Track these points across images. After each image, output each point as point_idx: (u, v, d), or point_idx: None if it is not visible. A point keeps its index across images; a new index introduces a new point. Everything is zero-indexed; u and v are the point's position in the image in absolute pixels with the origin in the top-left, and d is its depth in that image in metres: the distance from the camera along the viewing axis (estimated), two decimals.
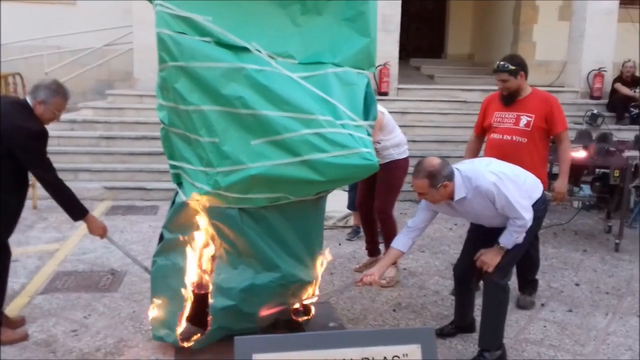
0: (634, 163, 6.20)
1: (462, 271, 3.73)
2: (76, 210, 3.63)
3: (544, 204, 3.56)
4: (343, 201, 6.22)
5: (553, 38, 12.27)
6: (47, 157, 3.54)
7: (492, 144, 4.35)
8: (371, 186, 4.84)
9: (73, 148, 8.21)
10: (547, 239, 6.09)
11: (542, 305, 4.47)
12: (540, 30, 12.95)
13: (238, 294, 3.30)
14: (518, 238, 3.36)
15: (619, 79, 9.92)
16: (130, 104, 9.35)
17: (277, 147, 3.03)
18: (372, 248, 5.13)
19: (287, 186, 3.15)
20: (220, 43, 3.03)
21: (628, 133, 8.83)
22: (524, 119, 4.23)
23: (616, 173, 5.86)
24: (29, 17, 11.23)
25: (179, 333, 3.44)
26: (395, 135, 4.82)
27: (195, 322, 3.52)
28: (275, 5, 3.12)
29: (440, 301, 4.49)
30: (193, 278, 3.43)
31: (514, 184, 3.32)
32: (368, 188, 4.89)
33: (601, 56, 10.30)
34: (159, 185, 7.60)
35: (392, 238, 4.81)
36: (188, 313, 3.45)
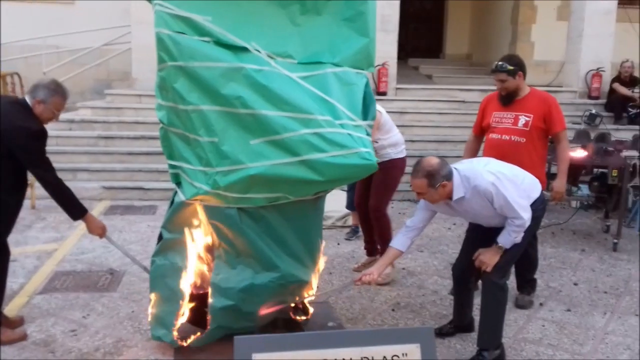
0: (632, 163, 6.21)
1: (461, 271, 3.74)
2: (75, 209, 3.63)
3: (543, 204, 3.57)
4: (342, 201, 6.22)
5: (551, 38, 12.28)
6: (47, 157, 3.54)
7: (491, 144, 4.36)
8: (369, 186, 4.84)
9: (71, 148, 8.20)
10: (546, 239, 6.10)
11: (541, 304, 4.48)
12: (538, 30, 12.97)
13: (237, 294, 3.30)
14: (516, 238, 3.36)
15: (617, 79, 9.92)
16: (128, 104, 9.35)
17: (276, 147, 3.03)
18: (371, 247, 5.13)
19: (286, 186, 3.14)
20: (219, 43, 3.03)
21: (626, 133, 8.84)
22: (523, 119, 4.24)
23: (614, 173, 5.87)
24: (28, 17, 11.23)
25: (177, 332, 3.45)
26: (392, 134, 4.83)
27: (194, 322, 3.52)
28: (274, 5, 3.12)
29: (439, 301, 4.50)
30: (192, 278, 3.44)
31: (513, 184, 3.32)
32: (366, 188, 4.90)
33: (599, 56, 10.31)
34: (158, 185, 7.61)
35: (386, 236, 4.89)
36: (188, 313, 3.46)
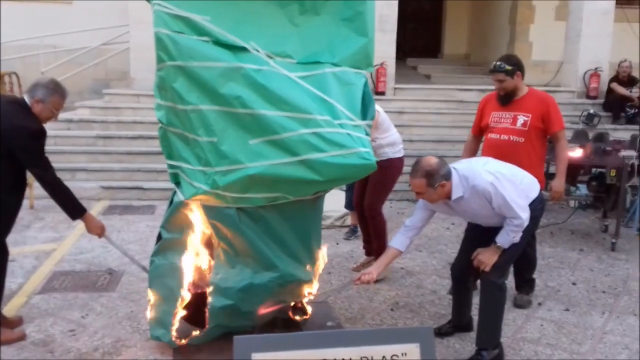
0: (630, 163, 6.22)
1: (460, 270, 3.74)
2: (74, 209, 3.63)
3: (541, 204, 3.57)
4: (340, 201, 6.23)
5: (549, 38, 12.28)
6: (46, 156, 3.54)
7: (490, 144, 4.37)
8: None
9: (70, 147, 8.20)
10: (544, 238, 6.10)
11: (539, 304, 4.49)
12: (536, 30, 12.97)
13: (236, 294, 3.30)
14: (515, 237, 3.37)
15: (615, 79, 9.94)
16: (127, 104, 9.35)
17: (275, 147, 3.02)
18: (370, 247, 5.13)
19: (285, 186, 3.14)
20: (218, 43, 3.03)
21: (624, 133, 8.85)
22: (521, 119, 4.24)
23: (612, 173, 5.88)
24: (26, 16, 11.22)
25: (175, 331, 3.45)
26: (390, 134, 4.83)
27: (192, 321, 3.52)
28: (273, 5, 3.12)
29: (437, 300, 4.50)
30: (190, 277, 3.44)
31: (511, 184, 3.33)
32: (365, 187, 4.90)
33: (597, 56, 10.32)
34: (156, 184, 7.60)
35: (381, 235, 4.91)
36: (185, 312, 3.45)
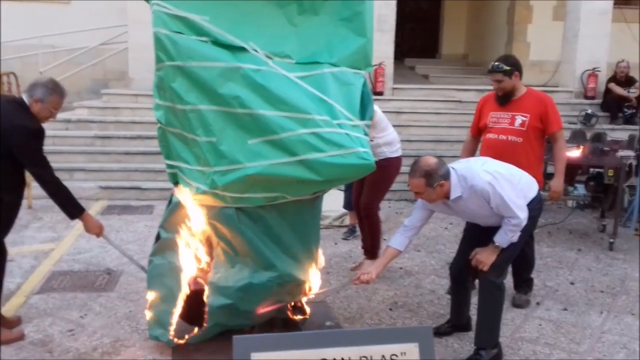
0: (628, 162, 6.24)
1: (458, 270, 3.75)
2: (73, 208, 3.62)
3: (539, 204, 3.58)
4: (339, 200, 6.23)
5: (547, 38, 12.29)
6: (44, 156, 3.53)
7: (488, 144, 4.37)
8: None
9: (68, 147, 8.19)
10: (542, 238, 6.11)
11: (538, 303, 4.50)
12: (534, 30, 12.98)
13: (235, 293, 3.30)
14: (513, 237, 3.37)
15: (613, 79, 9.95)
16: (125, 104, 9.34)
17: (274, 147, 3.03)
18: None
19: (284, 186, 3.15)
20: (217, 43, 3.03)
21: (622, 133, 8.87)
22: (519, 119, 4.25)
23: (610, 172, 5.89)
24: (24, 16, 11.20)
25: (174, 331, 3.45)
26: (388, 133, 4.83)
27: (190, 320, 3.52)
28: (272, 5, 3.12)
29: (436, 300, 4.51)
30: (190, 273, 3.43)
31: (509, 184, 3.33)
32: (364, 187, 4.91)
33: (595, 56, 10.34)
34: (155, 184, 7.60)
35: (375, 235, 4.92)
36: (183, 310, 3.45)
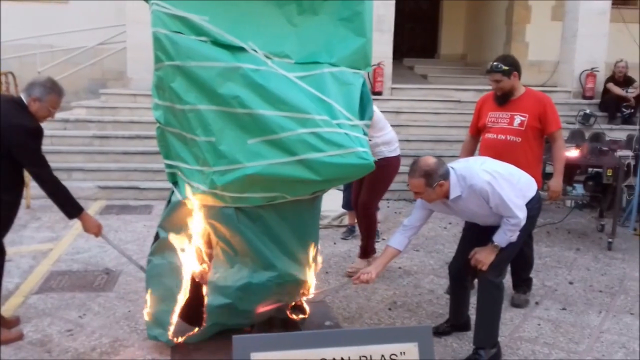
0: (627, 162, 6.25)
1: (457, 270, 3.75)
2: (71, 208, 3.62)
3: (538, 203, 3.58)
4: (338, 200, 6.23)
5: (546, 38, 12.31)
6: (43, 155, 3.53)
7: (487, 144, 4.37)
8: None
9: (66, 147, 8.18)
10: (541, 238, 6.12)
11: (537, 303, 4.50)
12: (532, 30, 13.00)
13: (234, 293, 3.30)
14: (512, 237, 3.37)
15: (611, 79, 9.96)
16: (123, 103, 9.33)
17: (274, 147, 3.03)
18: None
19: (284, 185, 3.15)
20: (216, 43, 3.03)
21: (620, 133, 8.89)
22: (518, 119, 4.26)
23: (609, 172, 5.90)
24: (22, 16, 11.18)
25: (172, 331, 3.44)
26: (386, 132, 4.83)
27: (189, 320, 3.52)
28: (271, 5, 3.12)
29: (435, 300, 4.51)
30: (193, 268, 3.44)
31: (508, 183, 3.34)
32: (362, 187, 4.91)
33: (593, 56, 10.35)
34: (153, 184, 7.59)
35: (370, 234, 4.94)
36: (182, 310, 3.45)
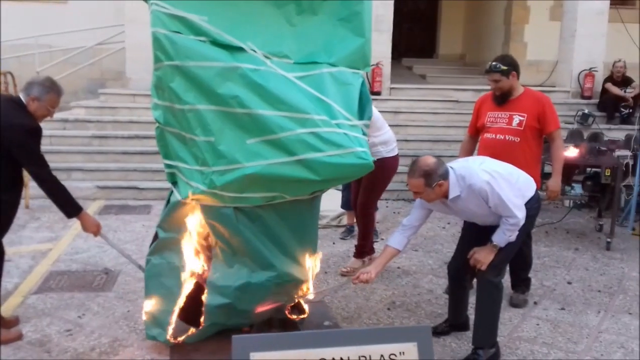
0: (625, 162, 6.26)
1: (456, 269, 3.75)
2: (70, 207, 3.62)
3: (537, 203, 3.59)
4: (337, 200, 6.22)
5: (544, 38, 12.31)
6: (42, 154, 3.53)
7: (486, 144, 4.38)
8: None
9: (65, 147, 8.17)
10: (539, 238, 6.13)
11: (535, 303, 4.51)
12: (531, 30, 13.01)
13: (233, 292, 3.31)
14: (511, 236, 3.38)
15: (610, 79, 9.96)
16: (122, 103, 9.32)
17: (273, 147, 3.03)
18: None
19: (283, 185, 3.15)
20: (215, 43, 3.03)
21: (618, 132, 8.89)
22: (517, 119, 4.26)
23: (607, 172, 5.91)
24: (21, 16, 11.17)
25: (171, 330, 3.45)
26: (383, 132, 4.83)
27: (187, 320, 3.52)
28: (270, 5, 3.12)
29: (434, 300, 4.52)
30: (192, 268, 3.44)
31: (507, 183, 3.34)
32: (360, 187, 4.91)
33: (592, 56, 10.35)
34: (152, 184, 7.59)
35: (367, 234, 4.94)
36: (181, 310, 3.45)
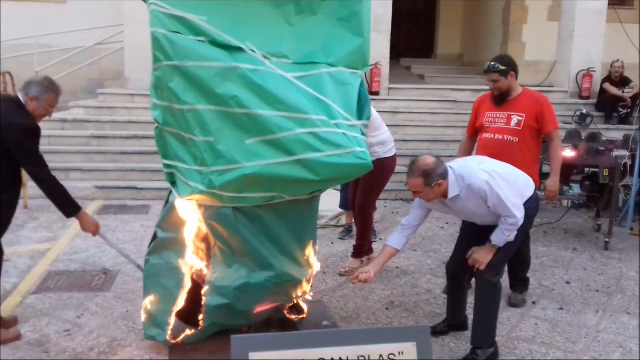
0: (623, 162, 6.27)
1: (455, 269, 3.76)
2: (69, 207, 3.62)
3: (536, 203, 3.60)
4: (335, 200, 6.22)
5: (542, 38, 12.32)
6: (40, 154, 3.53)
7: (484, 144, 4.39)
8: None
9: (64, 147, 8.17)
10: (538, 238, 6.13)
11: (534, 303, 4.51)
12: (529, 30, 13.03)
13: (232, 293, 3.31)
14: (510, 236, 3.38)
15: (608, 79, 9.98)
16: (121, 103, 9.31)
17: (272, 147, 3.03)
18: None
19: (282, 185, 3.15)
20: (214, 43, 3.03)
21: (617, 133, 8.90)
22: (515, 119, 4.27)
23: (605, 172, 5.92)
24: (20, 16, 11.17)
25: (170, 331, 3.45)
26: (381, 132, 4.83)
27: (186, 320, 3.52)
28: (269, 5, 3.12)
29: (432, 300, 4.52)
30: (194, 265, 3.44)
31: (506, 183, 3.35)
32: (358, 187, 4.92)
33: (590, 56, 10.36)
34: (151, 184, 7.59)
35: (365, 235, 4.95)
36: (180, 310, 3.45)
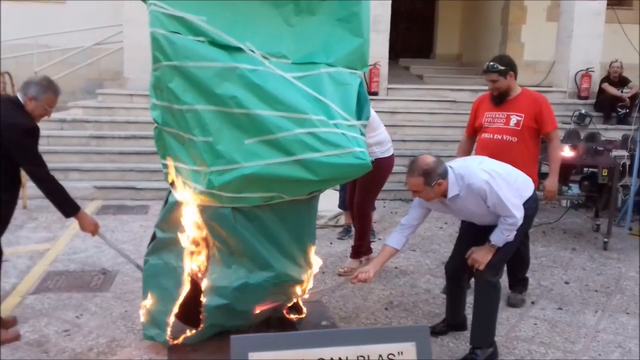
0: (622, 162, 6.27)
1: (454, 269, 3.76)
2: (68, 207, 3.61)
3: (535, 203, 3.60)
4: (334, 200, 6.23)
5: (541, 38, 12.34)
6: (39, 154, 3.53)
7: (483, 144, 4.39)
8: None
9: (63, 147, 8.16)
10: (537, 238, 6.14)
11: (533, 303, 4.52)
12: (528, 30, 13.04)
13: (231, 293, 3.31)
14: (509, 236, 3.39)
15: (607, 79, 10.00)
16: (120, 103, 9.32)
17: (271, 147, 3.03)
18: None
19: (281, 185, 3.15)
20: (214, 43, 3.03)
21: (615, 133, 8.92)
22: (514, 119, 4.27)
23: (604, 172, 5.93)
24: (19, 16, 11.16)
25: (170, 332, 3.45)
26: (378, 132, 4.83)
27: (186, 320, 3.52)
28: (269, 5, 3.12)
29: (431, 299, 4.52)
30: (191, 268, 3.44)
31: (506, 183, 3.35)
32: (356, 188, 4.93)
33: (589, 56, 10.38)
34: (150, 184, 7.59)
35: (364, 235, 4.95)
36: (179, 311, 3.45)
